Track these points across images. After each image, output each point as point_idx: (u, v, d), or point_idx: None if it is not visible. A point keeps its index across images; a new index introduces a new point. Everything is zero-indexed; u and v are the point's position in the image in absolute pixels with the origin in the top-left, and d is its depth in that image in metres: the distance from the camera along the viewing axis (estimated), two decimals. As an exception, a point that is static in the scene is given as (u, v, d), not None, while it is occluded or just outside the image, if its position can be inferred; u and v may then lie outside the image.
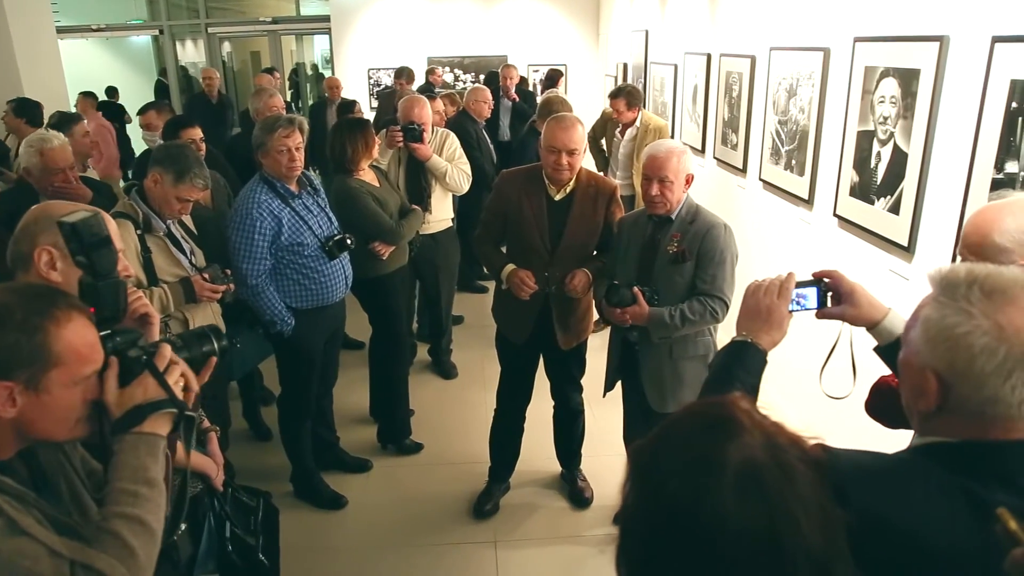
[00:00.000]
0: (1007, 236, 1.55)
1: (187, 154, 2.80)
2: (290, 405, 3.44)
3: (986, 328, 1.01)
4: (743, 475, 0.83)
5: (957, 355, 1.04)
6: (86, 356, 1.24)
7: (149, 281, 2.70)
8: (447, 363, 4.94)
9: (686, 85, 6.05)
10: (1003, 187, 2.39)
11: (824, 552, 0.83)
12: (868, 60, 3.22)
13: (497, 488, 3.58)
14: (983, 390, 1.03)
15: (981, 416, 1.05)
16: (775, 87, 4.23)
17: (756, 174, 4.55)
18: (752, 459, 0.84)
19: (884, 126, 3.11)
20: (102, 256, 1.51)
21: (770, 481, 0.83)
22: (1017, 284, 1.04)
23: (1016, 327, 1.00)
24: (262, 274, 3.09)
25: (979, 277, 1.05)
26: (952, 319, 1.04)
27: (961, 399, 1.05)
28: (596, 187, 3.08)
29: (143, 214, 2.73)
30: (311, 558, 3.22)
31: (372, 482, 3.75)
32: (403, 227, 3.73)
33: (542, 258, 3.07)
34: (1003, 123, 2.40)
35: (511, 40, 10.18)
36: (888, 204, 3.08)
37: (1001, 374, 1.01)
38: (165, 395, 1.31)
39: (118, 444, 1.27)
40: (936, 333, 1.06)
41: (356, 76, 10.28)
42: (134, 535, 1.22)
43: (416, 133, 4.14)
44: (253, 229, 3.04)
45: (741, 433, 0.86)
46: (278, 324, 3.16)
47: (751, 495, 0.82)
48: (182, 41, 12.64)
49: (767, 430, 0.88)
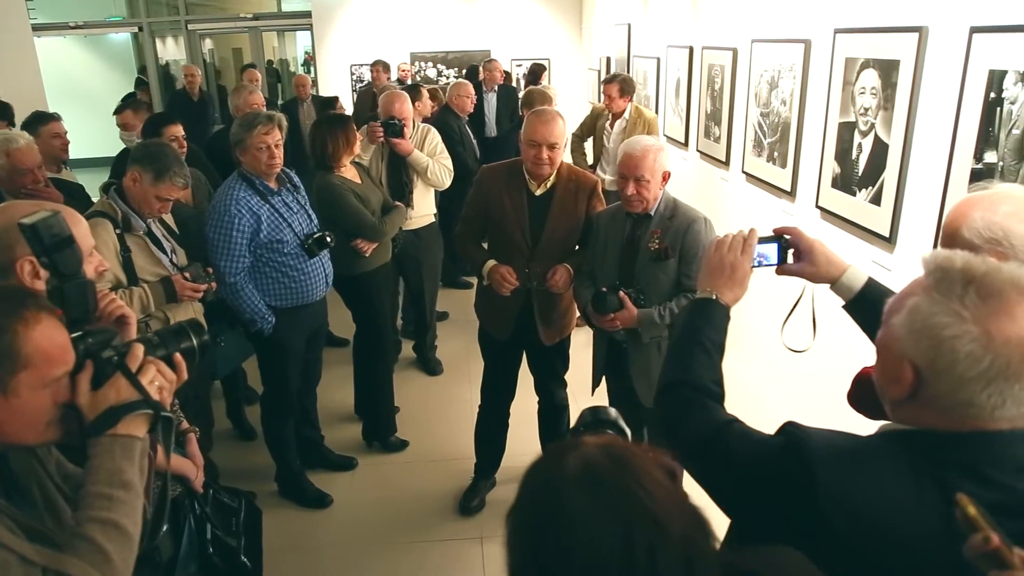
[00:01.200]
0: (974, 232, 1.54)
1: (166, 152, 2.76)
2: (273, 404, 3.42)
3: (975, 335, 1.00)
4: (583, 472, 0.87)
5: (940, 355, 1.02)
6: (56, 358, 1.21)
7: (129, 280, 2.67)
8: (432, 359, 4.93)
9: (669, 78, 6.05)
10: (983, 177, 2.41)
11: (681, 537, 0.85)
12: (848, 51, 3.23)
13: (483, 484, 3.58)
14: (959, 394, 1.02)
15: (951, 412, 1.04)
16: (757, 79, 4.24)
17: (739, 166, 4.56)
18: (590, 459, 0.88)
19: (865, 117, 3.12)
20: (65, 256, 1.48)
21: (609, 472, 0.87)
22: (1014, 288, 1.01)
23: (1005, 337, 0.99)
24: (240, 271, 3.06)
25: (976, 276, 1.02)
26: (942, 319, 1.02)
27: (935, 396, 1.05)
28: (577, 181, 3.07)
29: (122, 213, 2.70)
30: (296, 557, 3.21)
31: (357, 480, 3.74)
32: (385, 224, 3.71)
33: (523, 254, 3.06)
34: (982, 113, 2.41)
35: (494, 35, 10.14)
36: (869, 195, 3.09)
37: (981, 382, 1.00)
38: (139, 396, 1.28)
39: (92, 448, 1.24)
40: (922, 327, 1.05)
41: (338, 72, 10.23)
42: (109, 539, 1.19)
43: (397, 128, 4.14)
44: (231, 226, 3.01)
45: (581, 446, 0.91)
46: (258, 322, 3.13)
47: (594, 488, 0.86)
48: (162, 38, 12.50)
49: (605, 442, 0.93)
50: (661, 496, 0.86)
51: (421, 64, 10.21)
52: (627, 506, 0.84)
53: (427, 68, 10.19)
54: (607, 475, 0.87)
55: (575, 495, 0.85)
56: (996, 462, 1.04)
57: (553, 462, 0.91)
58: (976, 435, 1.04)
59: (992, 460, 1.04)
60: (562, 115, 3.02)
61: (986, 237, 1.53)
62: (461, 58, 10.11)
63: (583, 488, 0.86)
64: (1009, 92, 2.30)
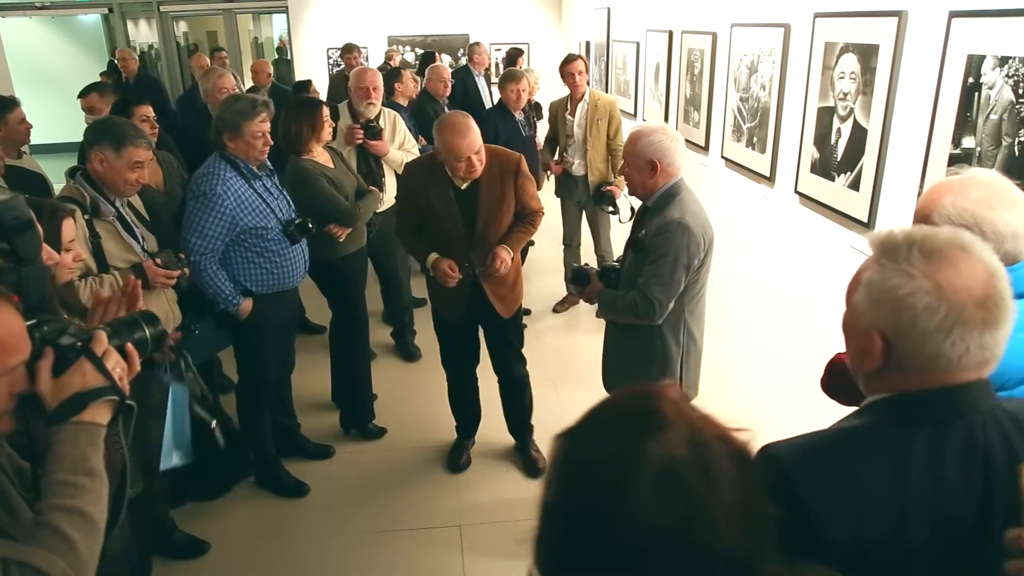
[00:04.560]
0: (945, 218, 1.54)
1: (114, 122, 2.75)
2: (249, 393, 3.37)
3: (927, 288, 1.05)
4: (663, 474, 0.80)
5: (901, 315, 1.08)
6: (12, 346, 1.17)
7: (99, 267, 2.61)
8: (410, 345, 4.89)
9: (648, 63, 6.02)
10: (960, 162, 2.41)
11: (745, 554, 0.80)
12: (828, 36, 3.22)
13: (467, 443, 3.74)
14: (925, 347, 1.07)
15: (923, 371, 1.09)
16: (736, 64, 4.22)
17: (718, 151, 4.56)
18: (673, 457, 0.81)
19: (844, 102, 3.11)
20: (25, 240, 1.43)
21: (690, 481, 0.80)
22: (952, 244, 1.08)
23: (955, 286, 1.05)
24: (207, 252, 2.98)
25: (917, 240, 1.09)
26: (895, 280, 1.08)
27: (905, 357, 1.10)
28: (500, 165, 3.09)
29: (90, 198, 2.63)
30: (273, 547, 3.18)
31: (335, 469, 3.71)
32: (359, 208, 3.66)
33: (461, 244, 3.13)
34: (960, 98, 2.41)
35: (473, 18, 10.05)
36: (848, 180, 3.09)
37: (942, 331, 1.05)
38: (102, 383, 1.25)
39: (56, 434, 1.21)
40: (880, 295, 1.10)
41: (315, 55, 10.10)
42: (74, 527, 1.16)
43: (375, 131, 4.18)
44: (212, 206, 2.94)
45: (664, 428, 0.82)
46: (220, 303, 3.05)
47: (669, 495, 0.79)
48: (134, 20, 12.26)
49: (693, 425, 0.84)
50: (734, 511, 0.81)
51: (399, 47, 10.10)
52: (696, 517, 0.79)
53: (405, 52, 10.08)
54: (687, 481, 0.80)
55: (648, 492, 0.79)
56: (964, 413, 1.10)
57: (636, 438, 0.83)
58: (944, 390, 1.09)
59: (960, 412, 1.10)
60: (470, 116, 3.02)
61: (956, 224, 1.53)
62: (439, 42, 10.01)
63: (659, 488, 0.79)
64: (987, 77, 2.30)
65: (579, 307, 5.58)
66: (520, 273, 3.37)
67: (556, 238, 5.61)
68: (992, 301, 1.06)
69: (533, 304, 5.53)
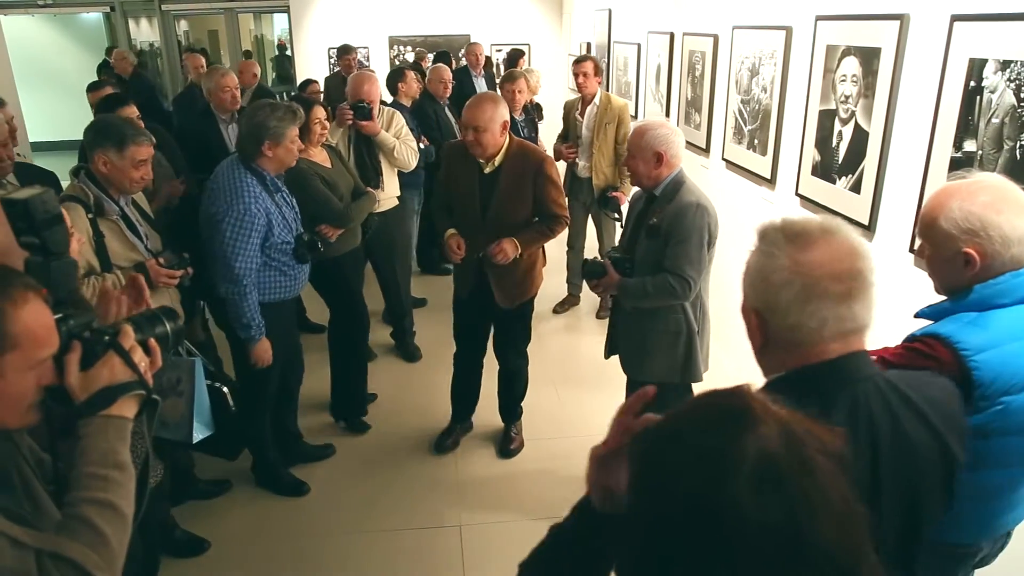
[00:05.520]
0: (951, 222, 1.55)
1: (112, 121, 2.75)
2: (252, 397, 3.31)
3: (785, 265, 1.19)
4: (761, 468, 0.79)
5: (767, 291, 1.22)
6: (43, 339, 1.18)
7: (102, 267, 2.61)
8: (410, 345, 4.89)
9: (649, 64, 6.03)
10: (962, 166, 2.42)
11: (846, 549, 0.80)
12: (830, 39, 3.23)
13: (459, 428, 3.89)
14: (788, 319, 1.21)
15: (793, 343, 1.22)
16: (738, 66, 4.23)
17: (719, 153, 4.56)
18: (769, 451, 0.80)
19: (845, 105, 3.12)
20: (55, 234, 1.44)
21: (789, 474, 0.79)
22: (818, 229, 1.22)
23: (811, 263, 1.18)
24: (252, 273, 2.96)
25: (787, 226, 1.24)
26: (763, 261, 1.23)
27: (776, 331, 1.23)
28: (524, 160, 3.24)
29: (94, 197, 2.63)
30: (274, 545, 3.19)
31: (334, 468, 3.70)
32: (352, 210, 3.65)
33: (475, 226, 3.29)
34: (962, 102, 2.42)
35: (474, 19, 10.05)
36: (849, 183, 3.10)
37: (799, 302, 1.18)
38: (130, 377, 1.27)
39: (85, 427, 1.23)
40: (753, 276, 1.25)
41: (316, 55, 10.09)
42: (106, 521, 1.17)
43: (365, 111, 4.14)
44: (252, 225, 2.90)
45: (757, 424, 0.82)
46: (252, 330, 3.02)
47: (769, 488, 0.78)
48: (135, 19, 12.26)
49: (783, 420, 0.84)
50: (833, 503, 0.81)
51: (400, 48, 10.10)
52: (799, 511, 0.79)
53: (406, 52, 10.08)
54: (784, 474, 0.80)
55: (745, 486, 0.78)
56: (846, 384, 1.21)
57: (730, 430, 0.82)
58: (824, 363, 1.21)
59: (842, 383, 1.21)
60: (497, 99, 3.21)
61: (963, 228, 1.54)
62: (440, 43, 10.02)
63: (756, 481, 0.79)
64: (989, 81, 2.31)
65: (579, 308, 5.58)
66: (535, 272, 3.48)
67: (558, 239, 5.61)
68: (849, 275, 1.18)
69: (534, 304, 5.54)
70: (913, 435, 1.20)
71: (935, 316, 1.65)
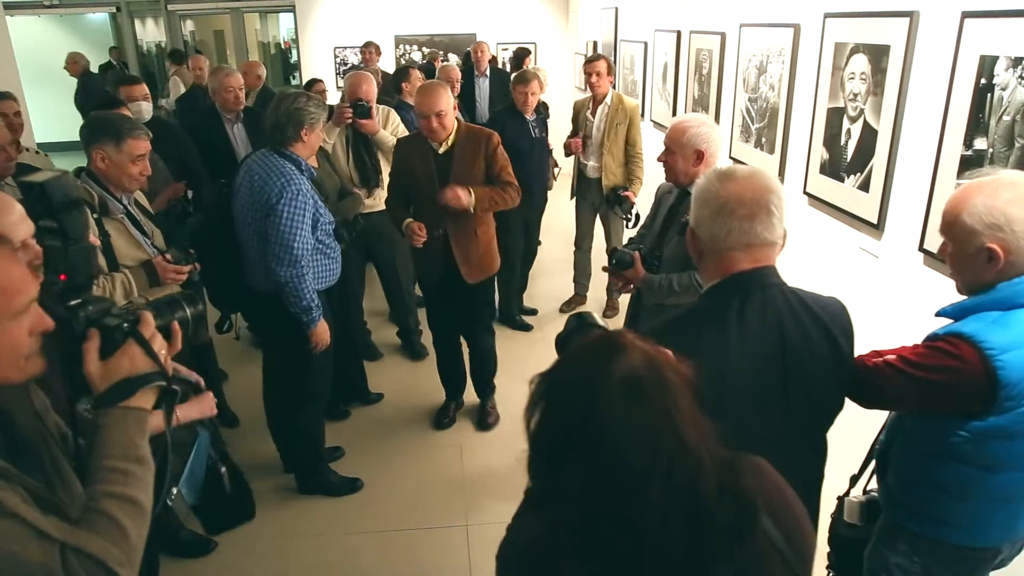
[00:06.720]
0: (975, 217, 1.55)
1: (108, 116, 2.75)
2: (302, 393, 3.27)
3: (715, 190, 1.58)
4: (627, 384, 0.99)
5: (697, 211, 1.62)
6: (14, 288, 1.13)
7: (109, 266, 2.60)
8: (416, 343, 4.89)
9: (656, 63, 6.01)
10: (972, 164, 2.39)
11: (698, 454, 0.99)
12: (838, 36, 3.21)
13: (452, 405, 4.13)
14: (703, 228, 1.59)
15: (713, 251, 1.59)
16: (745, 64, 4.21)
17: (726, 152, 4.54)
18: (634, 370, 1.01)
19: (854, 103, 3.10)
20: (73, 218, 1.43)
21: (650, 389, 1.00)
22: (744, 172, 1.60)
23: (728, 191, 1.56)
24: (308, 254, 2.97)
25: (722, 169, 1.65)
26: (702, 186, 1.62)
27: (702, 241, 1.61)
28: (474, 136, 3.52)
29: (98, 197, 2.63)
30: (280, 545, 3.19)
31: (341, 467, 3.68)
32: (339, 210, 3.62)
33: (435, 204, 3.42)
34: (972, 99, 2.40)
35: (480, 18, 10.04)
36: (858, 181, 3.07)
37: (712, 215, 1.57)
38: (150, 366, 1.24)
39: (104, 418, 1.21)
40: (695, 196, 1.64)
41: (322, 55, 10.09)
42: (126, 515, 1.16)
43: (364, 110, 4.13)
44: (306, 204, 2.93)
45: (624, 352, 1.03)
46: (313, 311, 2.99)
47: (635, 400, 0.99)
48: (141, 19, 12.28)
49: (646, 351, 1.04)
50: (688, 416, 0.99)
51: (406, 47, 10.10)
52: (659, 423, 0.98)
53: (412, 51, 10.08)
54: (648, 390, 0.99)
55: (615, 401, 0.98)
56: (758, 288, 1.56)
57: (599, 358, 1.03)
58: (743, 272, 1.56)
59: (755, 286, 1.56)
60: (445, 83, 3.54)
61: (987, 223, 1.53)
62: (446, 42, 10.01)
63: (623, 396, 0.98)
64: (1000, 78, 2.29)
65: (586, 307, 5.57)
66: (492, 247, 3.72)
67: (564, 239, 5.60)
68: (752, 202, 1.54)
69: (540, 304, 5.53)
70: (811, 330, 1.55)
71: (957, 315, 1.64)
